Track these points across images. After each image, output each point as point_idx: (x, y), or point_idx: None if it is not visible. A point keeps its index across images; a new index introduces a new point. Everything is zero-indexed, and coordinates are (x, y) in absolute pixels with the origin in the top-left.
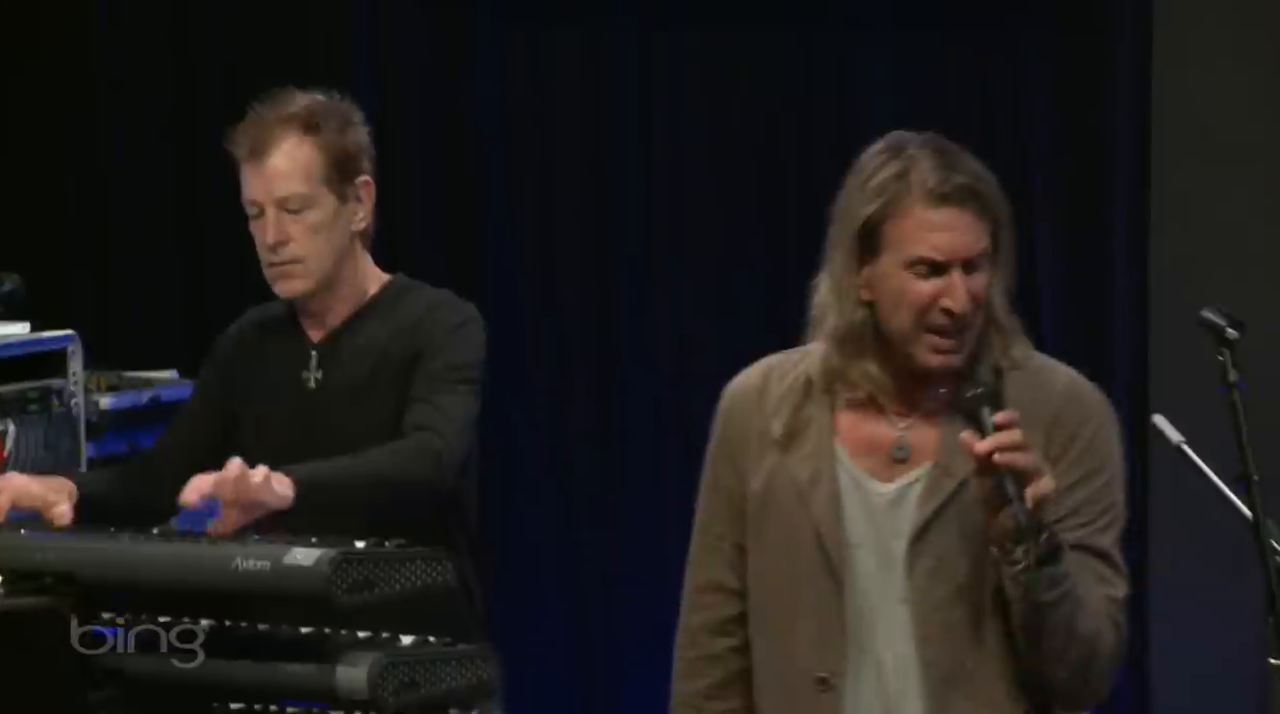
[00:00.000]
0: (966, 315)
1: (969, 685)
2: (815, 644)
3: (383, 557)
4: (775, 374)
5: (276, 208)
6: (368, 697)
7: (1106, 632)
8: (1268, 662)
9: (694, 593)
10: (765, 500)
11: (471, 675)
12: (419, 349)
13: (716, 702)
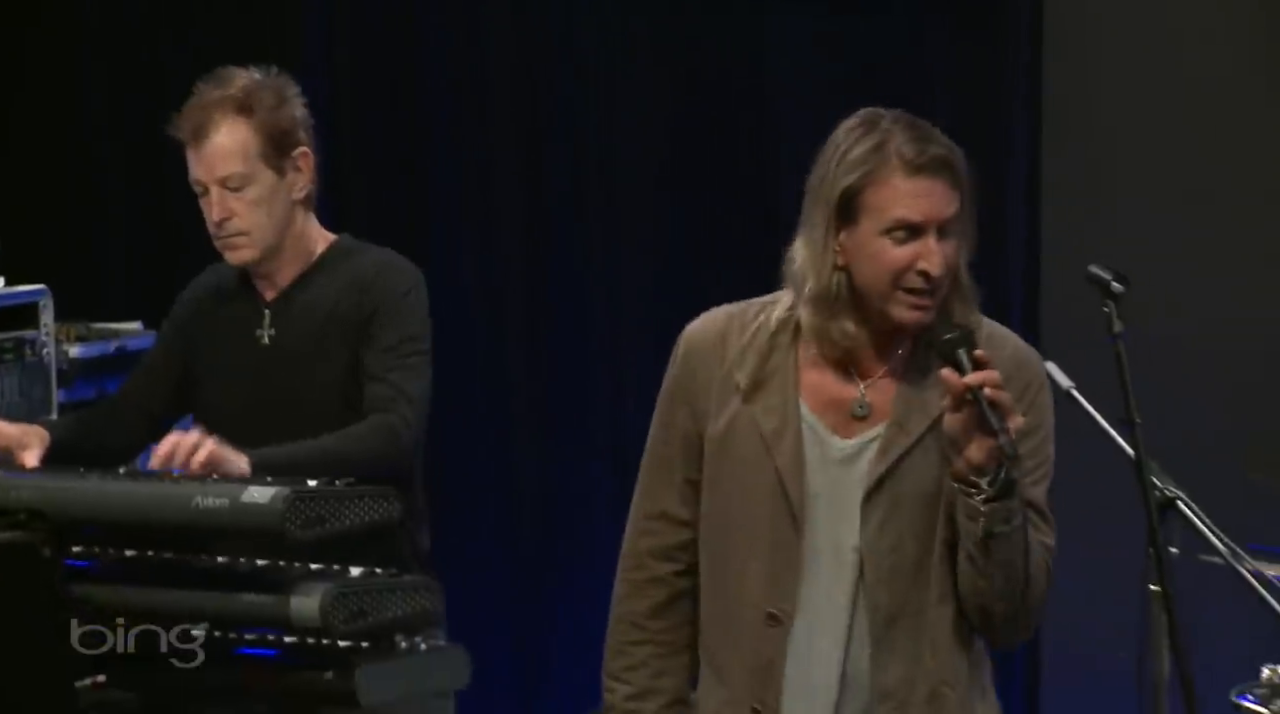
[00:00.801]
0: (941, 277)
1: (912, 627)
2: (768, 582)
3: (333, 494)
4: (736, 323)
5: (219, 187)
6: (319, 624)
7: (1041, 575)
8: (1147, 588)
9: (642, 519)
10: (726, 444)
11: (416, 604)
12: (369, 314)
13: (658, 620)
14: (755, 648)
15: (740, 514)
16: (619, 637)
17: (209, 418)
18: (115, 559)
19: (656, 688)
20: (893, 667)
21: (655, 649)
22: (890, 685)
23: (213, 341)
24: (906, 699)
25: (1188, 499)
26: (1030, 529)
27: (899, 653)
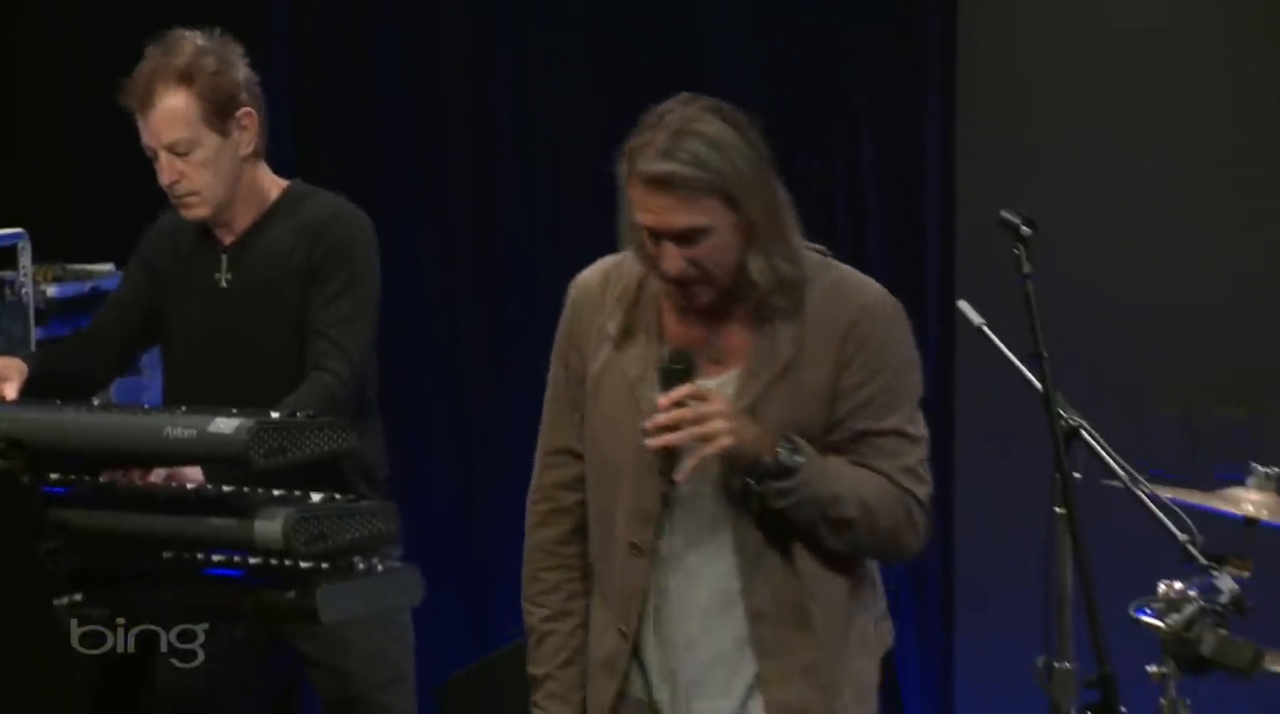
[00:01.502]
0: (679, 278)
1: (780, 552)
2: (632, 515)
3: (295, 425)
4: (614, 274)
5: (166, 152)
6: (282, 546)
7: (884, 513)
8: (1053, 510)
9: (545, 455)
10: (599, 387)
11: (373, 527)
12: (319, 262)
13: (567, 546)
14: (624, 576)
15: (610, 454)
16: (533, 564)
17: (172, 359)
18: (91, 485)
19: (569, 610)
20: (762, 589)
21: (566, 574)
22: (760, 606)
23: (174, 283)
24: (776, 617)
25: (1090, 428)
26: (880, 460)
27: (768, 576)
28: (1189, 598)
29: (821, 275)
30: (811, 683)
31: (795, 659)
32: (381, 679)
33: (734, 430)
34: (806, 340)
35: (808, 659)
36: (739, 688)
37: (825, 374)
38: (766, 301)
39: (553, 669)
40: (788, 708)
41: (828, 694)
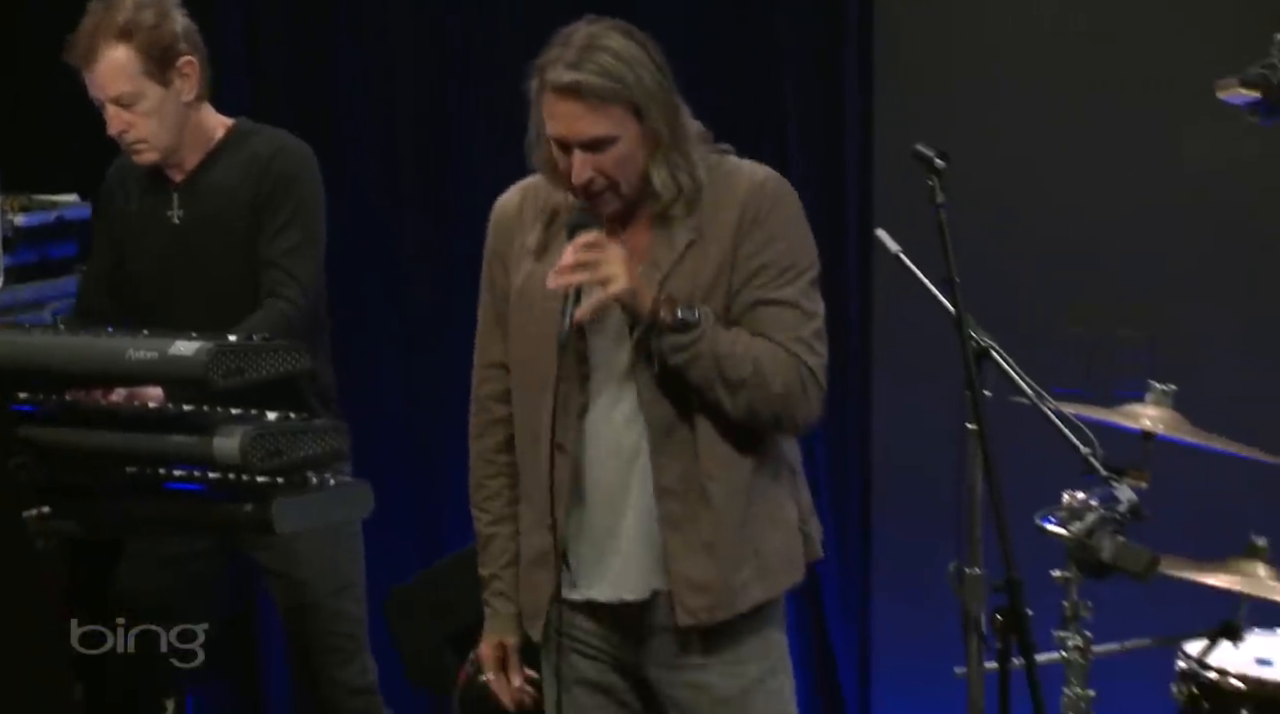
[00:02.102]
0: (589, 185)
1: (686, 433)
2: (554, 415)
3: (251, 348)
4: (531, 193)
5: (112, 104)
6: (240, 462)
7: (777, 374)
8: (965, 426)
9: (480, 369)
10: (521, 299)
11: (325, 444)
12: (265, 196)
13: (505, 454)
14: (547, 472)
15: (532, 358)
16: (477, 473)
17: (131, 296)
18: (57, 404)
19: (511, 514)
20: (669, 467)
21: (507, 480)
22: (667, 483)
23: (129, 225)
24: (682, 495)
25: (999, 349)
26: (773, 328)
27: (675, 456)
28: (1090, 507)
29: (717, 168)
30: (712, 558)
31: (697, 535)
32: (333, 586)
33: (631, 278)
34: (703, 226)
35: (710, 535)
36: (651, 563)
37: (722, 251)
38: (667, 211)
39: (498, 569)
40: (689, 581)
41: (727, 570)
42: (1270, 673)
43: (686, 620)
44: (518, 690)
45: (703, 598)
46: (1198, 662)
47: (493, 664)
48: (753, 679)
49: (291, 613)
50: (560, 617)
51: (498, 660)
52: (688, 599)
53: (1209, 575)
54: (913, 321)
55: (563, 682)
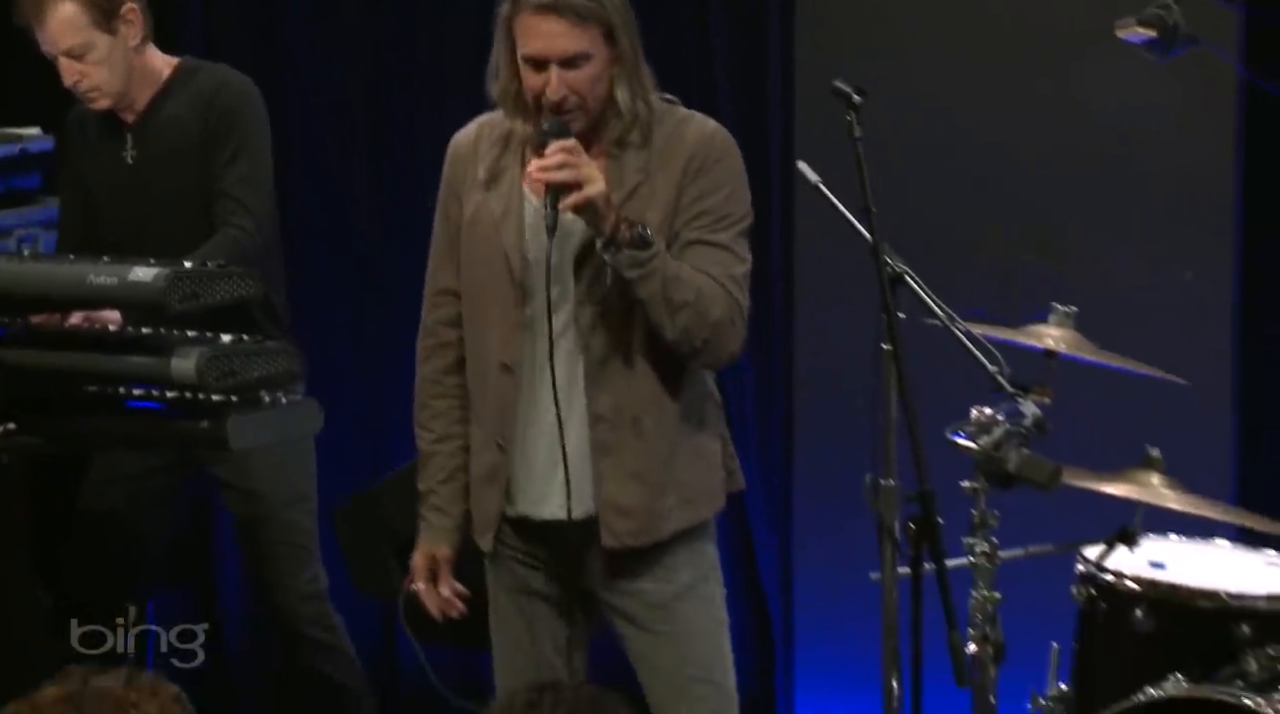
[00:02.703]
0: (562, 103)
1: (620, 366)
2: (501, 339)
3: (206, 273)
4: (486, 129)
5: (64, 57)
6: (196, 382)
7: (714, 299)
8: (880, 347)
9: (431, 296)
10: (472, 227)
11: (278, 365)
12: (212, 131)
13: (452, 376)
14: (496, 394)
15: (480, 285)
16: (423, 394)
17: (102, 235)
18: (23, 327)
19: (452, 433)
20: (603, 397)
21: (452, 401)
22: (601, 411)
23: (90, 167)
24: (614, 422)
25: (913, 274)
26: (709, 265)
27: (609, 386)
28: (997, 422)
29: (668, 115)
30: (640, 485)
31: (626, 462)
32: (286, 499)
33: (602, 185)
34: (653, 167)
35: (638, 464)
36: (582, 486)
37: (669, 194)
38: (624, 137)
39: (435, 485)
40: (617, 506)
41: (652, 497)
42: (1163, 575)
43: (610, 543)
44: (445, 601)
45: (628, 522)
46: (1096, 565)
47: (423, 574)
48: (684, 586)
49: (246, 524)
50: (505, 530)
51: (429, 571)
52: (613, 523)
53: (1107, 485)
54: (832, 250)
55: (507, 591)
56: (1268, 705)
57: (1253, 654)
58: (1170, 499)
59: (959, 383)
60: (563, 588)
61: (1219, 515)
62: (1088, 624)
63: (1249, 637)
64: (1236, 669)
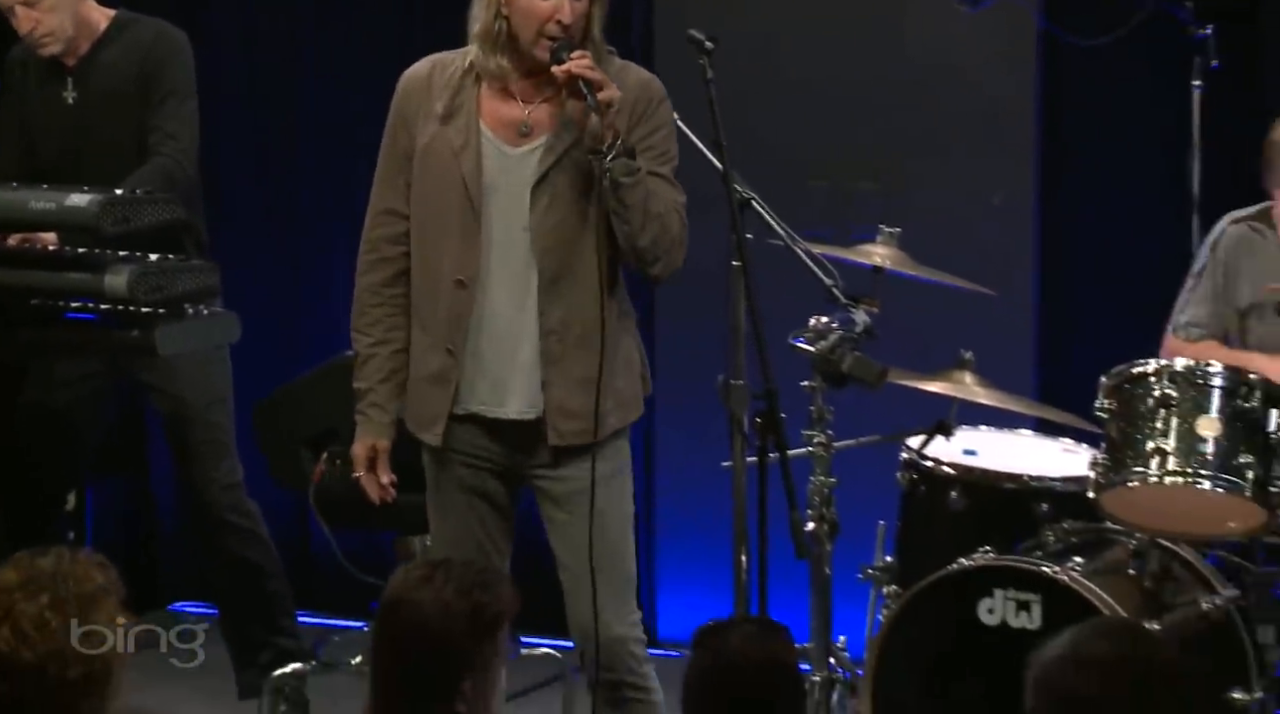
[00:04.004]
0: (572, 27)
1: (569, 284)
2: (457, 256)
3: (135, 199)
4: (439, 66)
5: (21, 6)
6: (127, 296)
7: (674, 215)
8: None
9: (375, 214)
10: (427, 156)
11: (200, 281)
12: (149, 74)
13: (391, 288)
14: (449, 305)
15: (437, 207)
16: (362, 302)
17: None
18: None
19: (390, 338)
20: (554, 312)
21: (389, 310)
22: (552, 325)
23: (28, 104)
24: (564, 335)
25: (759, 199)
26: (662, 187)
27: (559, 302)
28: (832, 329)
29: (611, 63)
30: (584, 391)
31: (573, 371)
32: (206, 400)
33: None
34: None
35: (583, 372)
36: (532, 390)
37: (622, 128)
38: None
39: (374, 384)
40: (563, 408)
41: (593, 402)
42: (974, 461)
43: (556, 441)
44: (383, 488)
45: (573, 423)
46: (917, 453)
47: (363, 463)
48: (604, 476)
49: (171, 422)
50: (453, 429)
51: (368, 460)
52: (560, 424)
53: (926, 383)
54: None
55: (452, 489)
56: (1062, 572)
57: (1050, 529)
58: (981, 395)
59: (799, 295)
60: (503, 484)
61: (1022, 409)
62: (910, 505)
63: (1047, 513)
64: (1036, 541)
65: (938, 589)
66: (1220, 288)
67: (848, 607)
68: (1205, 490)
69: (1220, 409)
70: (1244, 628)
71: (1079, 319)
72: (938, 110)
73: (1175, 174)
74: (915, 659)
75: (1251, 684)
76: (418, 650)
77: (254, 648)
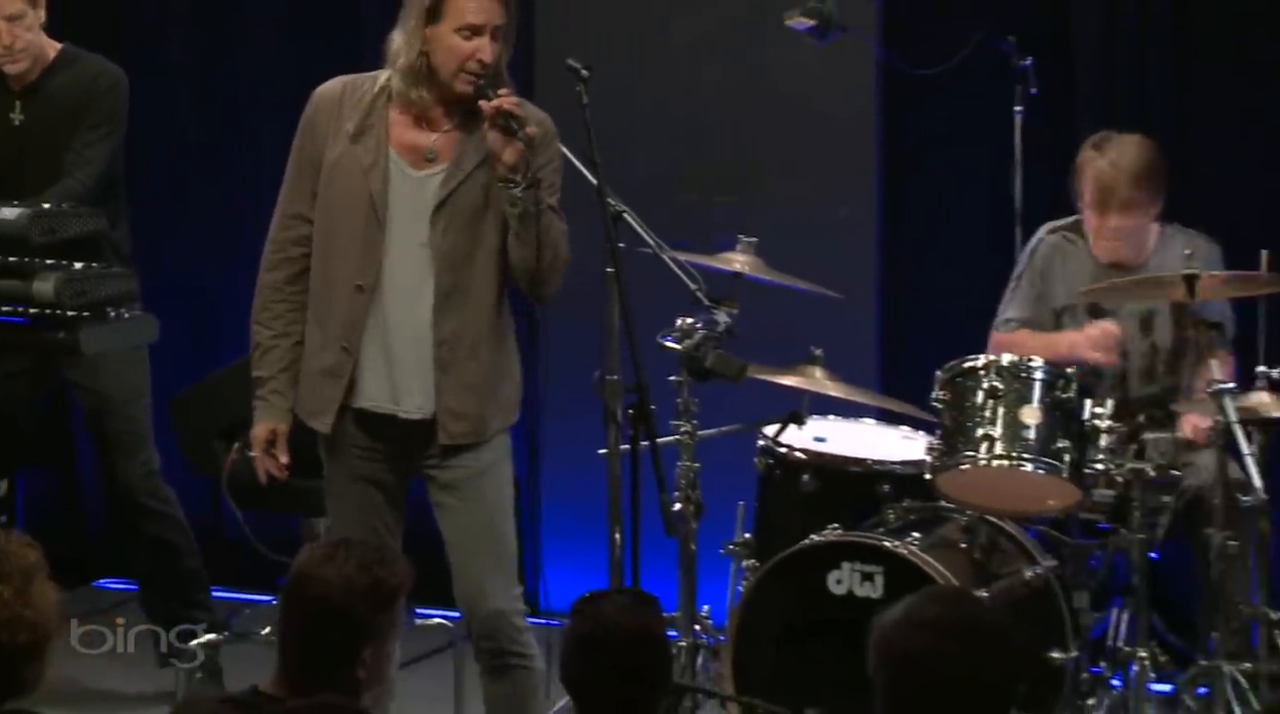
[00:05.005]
0: (490, 64)
1: (462, 298)
2: (359, 264)
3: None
4: (350, 87)
5: (6, 20)
6: (54, 300)
7: (563, 243)
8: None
9: (282, 217)
10: (336, 170)
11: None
12: (87, 103)
13: (292, 286)
14: (347, 307)
15: (343, 218)
16: (264, 297)
17: None
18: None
19: (290, 332)
20: (447, 324)
21: (290, 306)
22: (444, 336)
23: None
24: (455, 345)
25: (631, 211)
26: (554, 218)
27: (453, 315)
28: (697, 329)
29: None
30: (472, 396)
31: (463, 378)
32: (126, 395)
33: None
34: None
35: (472, 380)
36: (425, 393)
37: None
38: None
39: (275, 372)
40: (453, 411)
41: (481, 405)
42: (824, 447)
43: (446, 440)
44: (278, 468)
45: (461, 425)
46: (773, 441)
47: (261, 444)
48: (487, 463)
49: (94, 416)
50: (347, 422)
51: (266, 442)
52: (450, 425)
53: (781, 377)
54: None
55: (346, 478)
56: (901, 546)
57: (891, 507)
58: (829, 388)
59: (667, 298)
60: (394, 474)
61: (866, 400)
62: (766, 487)
63: (888, 494)
64: (879, 519)
65: (791, 563)
66: (1038, 290)
67: (711, 579)
68: (1028, 472)
69: (1041, 399)
70: (1062, 595)
71: (916, 319)
72: (790, 132)
73: (1000, 189)
74: (771, 626)
75: (1068, 645)
76: (322, 621)
77: (172, 621)
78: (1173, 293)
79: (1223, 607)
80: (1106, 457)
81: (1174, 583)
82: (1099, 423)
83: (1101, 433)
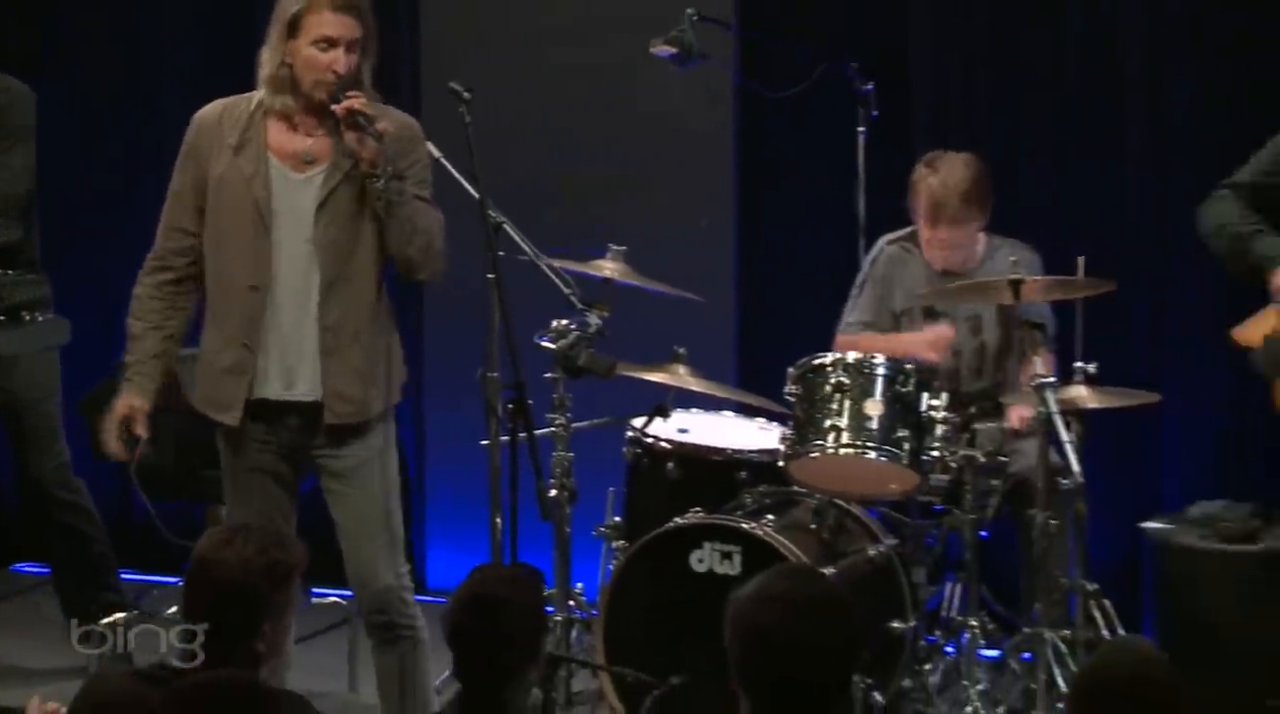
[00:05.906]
0: (345, 75)
1: (345, 288)
2: (250, 266)
3: None
4: (229, 108)
5: None
6: None
7: (437, 234)
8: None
9: (166, 229)
10: (222, 182)
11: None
12: None
13: (167, 287)
14: (243, 305)
15: (232, 225)
16: (141, 297)
17: None
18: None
19: (164, 325)
20: (332, 312)
21: (165, 304)
22: (330, 323)
23: None
24: (339, 332)
25: (509, 222)
26: (425, 207)
27: (336, 304)
28: (571, 330)
29: (377, 106)
30: (356, 378)
31: (348, 362)
32: (39, 394)
33: None
34: None
35: (356, 363)
36: (314, 378)
37: None
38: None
39: (145, 357)
40: (339, 394)
41: (365, 387)
42: (687, 437)
43: (332, 420)
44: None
45: (346, 406)
46: (640, 432)
47: (118, 418)
48: (375, 451)
49: (8, 412)
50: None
51: (124, 417)
52: (336, 406)
53: (648, 374)
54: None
55: (245, 471)
56: (757, 527)
57: (748, 492)
58: (692, 384)
59: (543, 301)
60: (288, 465)
61: (725, 395)
62: (634, 474)
63: (746, 480)
64: (737, 503)
65: (657, 543)
66: (879, 295)
67: (584, 559)
68: (871, 459)
69: (883, 393)
70: (902, 570)
71: (771, 320)
72: (656, 149)
73: (844, 202)
74: (639, 602)
75: (908, 616)
76: (224, 600)
77: (83, 602)
78: (1000, 296)
79: (1044, 580)
80: (942, 445)
81: (1002, 559)
82: (935, 414)
83: (937, 423)
